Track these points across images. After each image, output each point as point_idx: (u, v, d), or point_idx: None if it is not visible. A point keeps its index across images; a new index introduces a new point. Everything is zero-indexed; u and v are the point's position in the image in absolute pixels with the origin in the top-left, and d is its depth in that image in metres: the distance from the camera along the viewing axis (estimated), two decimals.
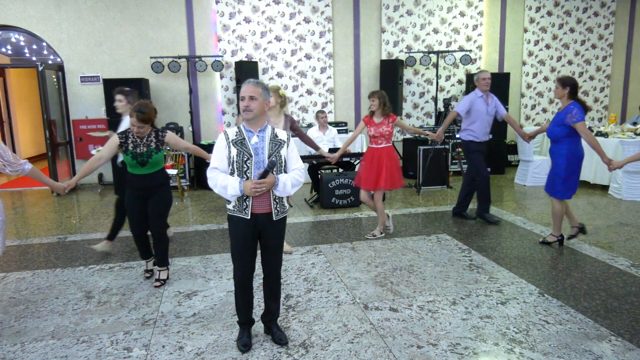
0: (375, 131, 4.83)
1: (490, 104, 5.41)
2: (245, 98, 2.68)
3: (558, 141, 4.43)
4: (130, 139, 3.67)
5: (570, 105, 4.35)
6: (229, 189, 2.64)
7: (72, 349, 2.94)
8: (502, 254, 4.50)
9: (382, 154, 4.86)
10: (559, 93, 4.44)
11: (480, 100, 5.36)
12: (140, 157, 3.66)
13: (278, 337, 2.95)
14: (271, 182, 2.64)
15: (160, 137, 3.74)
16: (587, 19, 9.81)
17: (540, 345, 2.87)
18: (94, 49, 8.02)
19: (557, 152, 4.45)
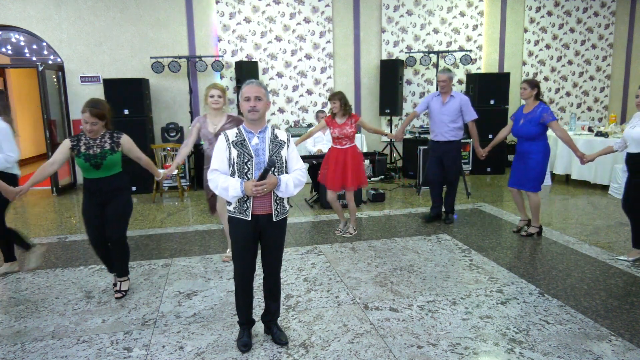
0: (339, 132, 4.83)
1: (450, 105, 5.24)
2: (251, 98, 2.66)
3: (534, 139, 4.72)
4: (83, 141, 3.49)
5: (541, 106, 4.69)
6: (230, 191, 2.63)
7: (72, 349, 2.94)
8: (502, 254, 4.50)
9: (347, 155, 4.87)
10: (528, 94, 4.72)
11: (436, 99, 5.32)
12: (94, 159, 3.45)
13: (278, 337, 2.95)
14: (273, 182, 2.64)
15: (116, 138, 3.55)
16: (587, 19, 9.81)
17: (541, 345, 2.87)
18: (94, 49, 8.02)
19: (533, 150, 4.74)
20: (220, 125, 4.11)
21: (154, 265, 4.37)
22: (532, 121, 4.68)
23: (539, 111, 4.65)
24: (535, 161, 4.74)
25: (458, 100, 5.26)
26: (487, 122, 8.05)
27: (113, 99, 7.47)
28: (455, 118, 5.27)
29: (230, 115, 4.25)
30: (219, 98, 4.09)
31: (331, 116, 4.92)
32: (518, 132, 4.81)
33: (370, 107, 9.12)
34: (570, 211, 6.15)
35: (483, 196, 6.98)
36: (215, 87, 4.13)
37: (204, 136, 4.17)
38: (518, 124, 4.82)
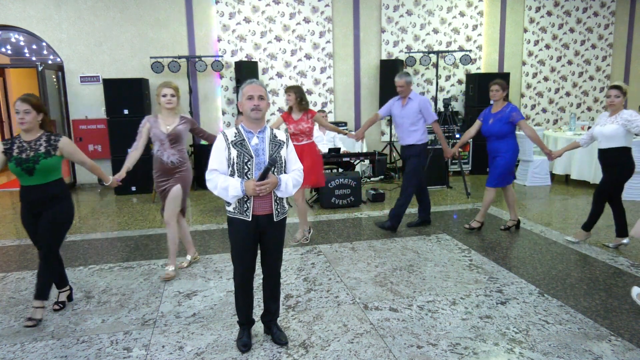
0: (295, 128, 4.70)
1: (408, 108, 5.08)
2: (255, 97, 2.65)
3: (504, 138, 4.89)
4: (17, 144, 3.18)
5: (509, 106, 4.89)
6: (230, 190, 2.62)
7: (72, 349, 2.94)
8: (501, 253, 4.50)
9: (303, 152, 4.66)
10: (500, 95, 4.89)
11: (397, 103, 5.20)
12: (25, 163, 3.11)
13: (278, 337, 2.95)
14: (274, 182, 2.64)
15: (53, 141, 3.21)
16: (587, 19, 9.81)
17: (540, 345, 2.87)
18: (93, 49, 8.02)
19: (503, 147, 4.91)
20: (174, 126, 3.92)
21: (154, 265, 4.37)
22: (501, 120, 4.85)
23: (508, 111, 4.84)
24: (504, 159, 4.90)
25: (417, 102, 5.06)
26: None
27: (113, 99, 7.52)
28: (415, 121, 5.07)
29: (183, 116, 4.04)
30: (172, 97, 3.88)
31: (288, 111, 4.80)
32: (489, 132, 4.94)
33: (370, 107, 9.12)
34: (570, 211, 6.15)
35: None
36: (168, 85, 3.91)
37: (155, 137, 3.92)
38: (487, 123, 4.96)
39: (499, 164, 4.93)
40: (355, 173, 6.56)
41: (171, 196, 3.96)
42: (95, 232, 5.54)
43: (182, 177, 4.00)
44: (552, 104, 9.94)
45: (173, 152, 3.93)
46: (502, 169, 4.93)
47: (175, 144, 3.93)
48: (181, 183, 4.00)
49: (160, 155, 3.92)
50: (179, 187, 3.98)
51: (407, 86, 5.06)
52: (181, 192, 4.01)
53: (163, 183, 3.99)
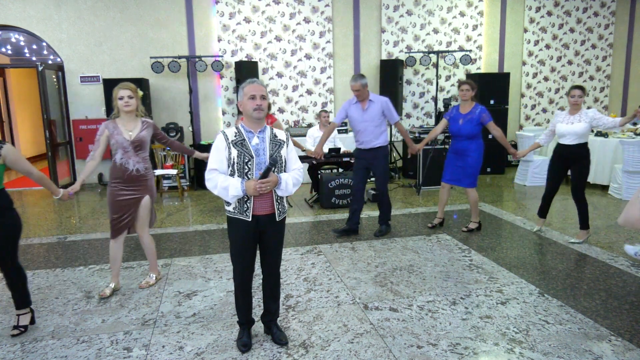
0: None
1: (371, 110, 4.95)
2: (257, 97, 2.64)
3: (473, 138, 4.96)
4: None
5: (479, 107, 4.94)
6: (230, 190, 2.61)
7: (72, 349, 2.94)
8: (502, 254, 4.50)
9: None
10: (469, 95, 4.91)
11: (355, 107, 5.03)
12: None
13: (278, 337, 2.95)
14: (275, 181, 2.63)
15: None
16: (587, 19, 9.81)
17: (540, 345, 2.87)
18: (94, 49, 8.02)
19: (472, 148, 4.97)
20: (136, 132, 3.62)
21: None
22: (472, 121, 4.90)
23: (478, 112, 4.89)
24: (474, 159, 4.97)
25: (378, 104, 4.93)
26: None
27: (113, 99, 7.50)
28: (379, 123, 4.96)
29: (145, 120, 3.73)
30: (129, 99, 3.56)
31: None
32: (459, 132, 4.97)
33: None
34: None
35: (483, 196, 6.98)
36: (124, 87, 3.58)
37: (117, 145, 3.59)
38: (457, 123, 4.98)
39: (469, 163, 4.98)
40: None
41: (142, 207, 3.72)
42: (95, 232, 5.54)
43: (148, 186, 3.74)
44: (552, 104, 9.93)
45: (138, 159, 3.64)
46: (473, 169, 5.00)
47: (140, 151, 3.65)
48: (149, 193, 3.74)
49: (124, 164, 3.61)
50: (148, 199, 3.74)
51: (364, 89, 4.91)
52: (150, 203, 3.77)
53: (126, 193, 3.66)
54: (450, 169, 5.14)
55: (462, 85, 4.93)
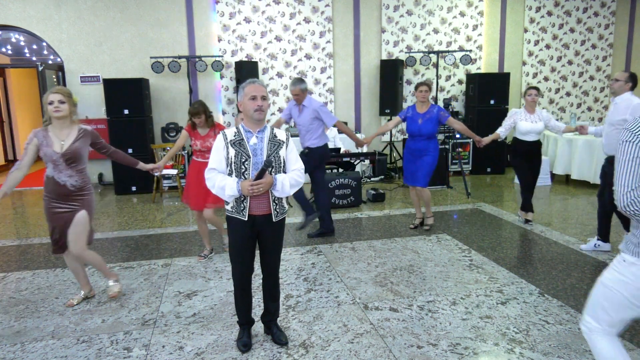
0: (202, 145, 4.32)
1: (304, 115, 4.97)
2: (258, 98, 2.65)
3: (431, 138, 5.07)
4: None
5: (436, 106, 5.07)
6: (226, 190, 2.62)
7: (72, 349, 2.94)
8: (502, 254, 4.50)
9: None
10: (428, 95, 5.04)
11: (294, 109, 5.08)
12: None
13: (278, 337, 2.95)
14: (269, 182, 2.63)
15: None
16: (587, 19, 9.80)
17: (541, 345, 2.87)
18: (94, 49, 8.02)
19: (430, 148, 5.06)
20: (69, 143, 3.28)
21: (154, 265, 4.37)
22: (431, 120, 4.99)
23: (436, 111, 5.00)
24: (432, 157, 5.07)
25: (310, 109, 4.93)
26: (487, 122, 8.07)
27: (113, 99, 7.52)
28: (310, 128, 4.96)
29: (83, 127, 3.39)
30: (60, 104, 3.24)
31: (190, 126, 4.35)
32: (420, 131, 5.02)
33: (370, 107, 9.12)
34: (570, 211, 6.15)
35: (483, 196, 6.98)
36: (55, 91, 3.27)
37: (47, 157, 3.24)
38: (417, 123, 5.03)
39: (427, 162, 5.05)
40: (355, 173, 6.56)
41: (76, 222, 3.34)
42: (96, 232, 5.52)
43: (86, 201, 3.37)
44: (553, 104, 9.93)
45: (70, 173, 3.28)
46: (430, 168, 5.07)
47: (74, 164, 3.28)
48: (86, 208, 3.38)
49: (55, 178, 3.26)
50: (85, 213, 3.36)
51: (303, 93, 4.92)
52: (88, 219, 3.39)
53: (59, 209, 3.33)
54: (411, 171, 5.18)
55: (420, 86, 5.03)
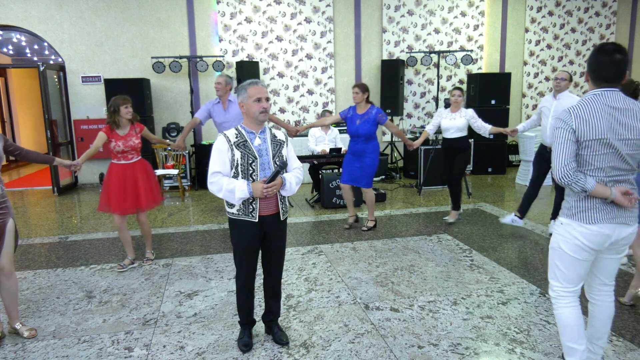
0: (125, 145, 4.10)
1: (231, 110, 4.99)
2: (263, 99, 2.65)
3: (370, 139, 5.09)
4: None
5: (374, 108, 5.09)
6: (237, 193, 2.59)
7: (73, 348, 2.94)
8: (503, 254, 4.50)
9: (135, 170, 4.19)
10: (360, 98, 5.06)
11: (217, 106, 5.04)
12: None
13: (279, 337, 2.95)
14: (280, 183, 2.65)
15: None
16: (588, 19, 9.80)
17: (542, 345, 2.86)
18: (95, 49, 8.03)
19: (369, 148, 5.09)
20: None
21: (155, 265, 4.37)
22: (369, 122, 5.03)
23: (374, 113, 5.04)
24: (371, 159, 5.10)
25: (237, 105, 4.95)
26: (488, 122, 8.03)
27: None
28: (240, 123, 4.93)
29: None
30: None
31: (109, 127, 4.12)
32: (357, 132, 5.06)
33: None
34: None
35: (484, 196, 6.98)
36: None
37: None
38: (355, 124, 5.08)
39: (367, 164, 5.08)
40: None
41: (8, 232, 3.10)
42: (97, 232, 5.54)
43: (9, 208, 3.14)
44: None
45: None
46: (371, 170, 5.10)
47: None
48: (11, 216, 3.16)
49: None
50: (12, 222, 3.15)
51: (225, 86, 4.93)
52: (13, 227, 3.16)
53: None
54: (349, 170, 5.19)
55: (353, 88, 5.10)
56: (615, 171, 2.22)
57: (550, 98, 4.96)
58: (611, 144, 2.16)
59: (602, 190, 2.18)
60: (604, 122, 2.17)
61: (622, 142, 2.17)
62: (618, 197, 2.18)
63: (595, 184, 2.19)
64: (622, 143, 2.17)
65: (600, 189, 2.18)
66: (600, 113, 2.18)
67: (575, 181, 2.18)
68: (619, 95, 2.23)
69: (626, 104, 2.20)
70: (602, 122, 2.17)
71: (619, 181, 2.24)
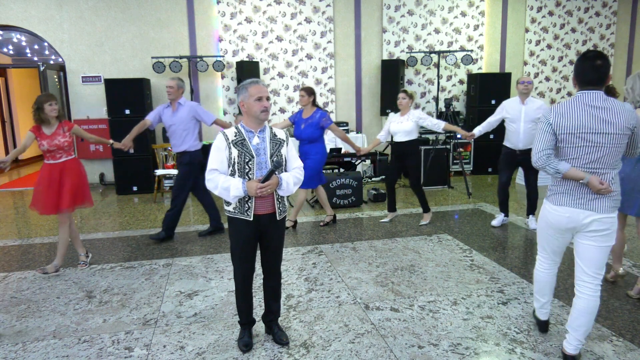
0: (50, 144, 3.99)
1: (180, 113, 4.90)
2: (264, 98, 2.66)
3: (315, 141, 5.14)
4: None
5: (319, 112, 5.12)
6: (232, 191, 2.60)
7: (74, 348, 2.95)
8: (503, 254, 4.50)
9: (64, 170, 4.08)
10: (306, 101, 5.13)
11: (167, 110, 4.98)
12: None
13: (279, 337, 2.95)
14: (275, 183, 2.64)
15: None
16: (588, 19, 9.80)
17: (542, 345, 2.86)
18: (95, 49, 8.03)
19: (313, 151, 5.14)
20: None
21: (155, 265, 4.37)
22: (312, 125, 5.08)
23: (318, 116, 5.08)
24: (314, 161, 5.11)
25: (187, 108, 4.90)
26: None
27: (114, 99, 7.52)
28: (187, 127, 4.92)
29: None
30: None
31: (37, 126, 4.02)
32: (301, 136, 5.14)
33: (371, 107, 9.12)
34: None
35: (484, 196, 6.98)
36: None
37: None
38: (300, 128, 5.14)
39: (308, 166, 4.97)
40: (356, 173, 6.56)
41: None
42: (97, 232, 5.54)
43: None
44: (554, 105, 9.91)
45: None
46: (311, 171, 5.04)
47: None
48: None
49: None
50: None
51: (177, 89, 4.87)
52: None
53: None
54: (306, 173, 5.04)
55: (300, 91, 5.15)
56: (594, 164, 2.48)
57: (517, 104, 5.17)
58: (588, 138, 2.45)
59: (575, 173, 2.47)
60: (581, 119, 2.46)
61: (602, 136, 2.43)
62: (592, 179, 2.43)
63: (569, 167, 2.49)
64: (603, 137, 2.43)
65: (573, 171, 2.48)
66: (578, 111, 2.48)
67: (548, 164, 2.52)
68: (601, 95, 2.47)
69: (607, 103, 2.46)
70: (579, 118, 2.47)
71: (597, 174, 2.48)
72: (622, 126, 2.43)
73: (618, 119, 2.43)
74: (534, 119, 5.05)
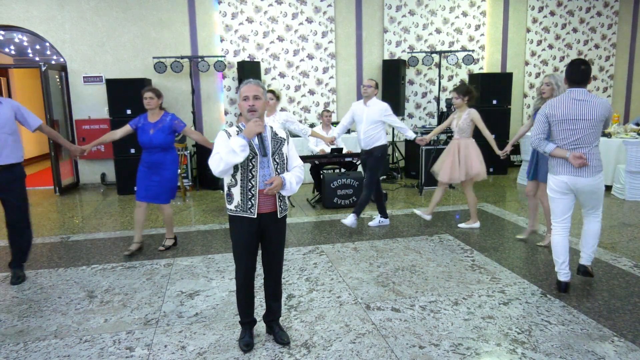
0: None
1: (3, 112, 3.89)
2: (250, 98, 2.66)
3: (168, 149, 4.57)
4: None
5: (169, 114, 4.57)
6: (235, 147, 2.55)
7: (75, 348, 2.95)
8: (504, 254, 4.50)
9: None
10: (155, 103, 4.52)
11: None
12: None
13: (280, 336, 2.95)
14: (280, 183, 2.66)
15: None
16: (590, 19, 9.78)
17: (543, 345, 2.86)
18: (96, 49, 8.04)
19: (168, 160, 4.56)
20: None
21: (156, 265, 4.37)
22: (164, 130, 4.49)
23: (169, 119, 4.52)
24: (171, 172, 4.59)
25: (8, 106, 3.95)
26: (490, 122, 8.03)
27: (116, 99, 7.53)
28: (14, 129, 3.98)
29: None
30: None
31: None
32: (152, 143, 4.46)
33: None
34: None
35: (485, 196, 6.97)
36: None
37: None
38: (148, 134, 4.46)
39: (167, 177, 4.56)
40: (357, 173, 6.56)
41: None
42: (98, 232, 5.55)
43: None
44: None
45: None
46: (172, 182, 4.61)
47: None
48: None
49: None
50: None
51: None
52: None
53: None
54: (145, 185, 4.54)
55: (145, 93, 4.55)
56: (576, 142, 3.35)
57: (361, 105, 5.25)
58: (573, 122, 3.33)
59: (559, 152, 3.39)
60: (568, 109, 3.36)
61: (583, 122, 3.32)
62: (570, 157, 3.33)
63: (554, 147, 3.40)
64: (583, 123, 3.32)
65: (558, 151, 3.39)
66: (566, 103, 3.38)
67: (539, 145, 3.48)
68: (584, 91, 3.37)
69: (587, 97, 3.34)
70: (566, 109, 3.37)
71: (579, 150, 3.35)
72: (599, 114, 3.30)
73: (596, 110, 3.29)
74: (376, 120, 5.14)
